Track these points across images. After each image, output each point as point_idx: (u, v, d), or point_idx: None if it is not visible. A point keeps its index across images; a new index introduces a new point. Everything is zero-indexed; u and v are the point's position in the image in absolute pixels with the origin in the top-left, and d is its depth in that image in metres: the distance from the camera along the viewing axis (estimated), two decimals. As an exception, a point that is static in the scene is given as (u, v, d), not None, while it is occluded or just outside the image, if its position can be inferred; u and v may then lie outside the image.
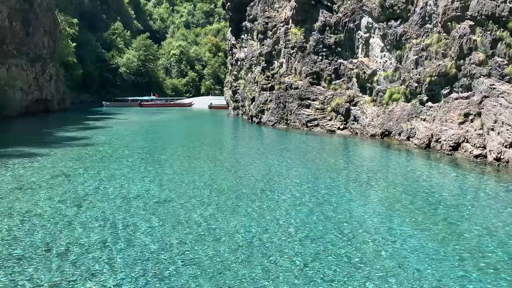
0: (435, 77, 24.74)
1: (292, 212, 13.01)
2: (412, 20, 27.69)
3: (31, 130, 37.22)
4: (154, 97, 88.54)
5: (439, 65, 24.49)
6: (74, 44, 70.51)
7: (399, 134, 27.56)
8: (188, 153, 24.22)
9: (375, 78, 31.61)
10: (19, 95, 49.91)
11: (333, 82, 35.85)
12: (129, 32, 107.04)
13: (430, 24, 26.12)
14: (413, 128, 26.21)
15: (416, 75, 26.51)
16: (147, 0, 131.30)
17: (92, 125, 41.62)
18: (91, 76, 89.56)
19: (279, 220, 12.21)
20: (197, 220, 12.07)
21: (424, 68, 25.80)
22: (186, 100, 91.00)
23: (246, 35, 51.18)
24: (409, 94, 27.48)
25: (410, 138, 26.29)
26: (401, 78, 28.41)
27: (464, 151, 21.96)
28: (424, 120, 25.63)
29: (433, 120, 24.86)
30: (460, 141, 22.35)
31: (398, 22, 29.08)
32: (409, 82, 27.20)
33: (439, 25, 24.93)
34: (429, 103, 25.52)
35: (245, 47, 51.29)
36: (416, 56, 26.84)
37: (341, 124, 33.95)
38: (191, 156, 23.10)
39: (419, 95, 26.27)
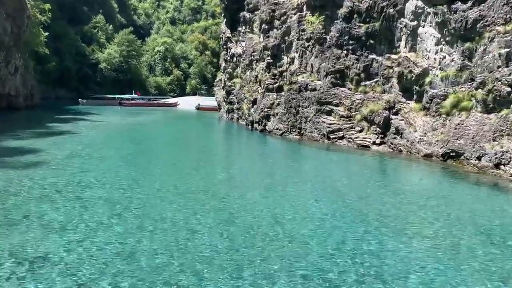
0: (547, 79, 16.06)
1: None
2: None
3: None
4: (136, 95, 78.27)
5: (557, 61, 15.81)
6: (47, 33, 59.73)
7: (478, 159, 18.72)
8: (178, 187, 14.68)
9: (427, 80, 22.76)
10: (-28, 89, 39.56)
11: (363, 83, 26.88)
12: (111, 26, 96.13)
13: (532, 3, 17.44)
14: (506, 152, 17.39)
15: (508, 75, 17.78)
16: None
17: (57, 128, 31.63)
18: (69, 70, 78.75)
19: None
20: None
21: (525, 66, 17.09)
22: (171, 100, 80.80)
23: (244, 27, 41.82)
24: (491, 102, 18.68)
25: (502, 166, 17.46)
26: (476, 80, 19.65)
27: None
28: (526, 140, 16.91)
29: (544, 141, 16.15)
30: None
31: (470, 4, 20.32)
32: (494, 85, 18.42)
33: (553, 3, 16.28)
34: (532, 116, 16.82)
35: (243, 41, 41.93)
36: (507, 49, 18.06)
37: (377, 138, 24.99)
38: (184, 193, 13.69)
39: (513, 104, 17.55)
